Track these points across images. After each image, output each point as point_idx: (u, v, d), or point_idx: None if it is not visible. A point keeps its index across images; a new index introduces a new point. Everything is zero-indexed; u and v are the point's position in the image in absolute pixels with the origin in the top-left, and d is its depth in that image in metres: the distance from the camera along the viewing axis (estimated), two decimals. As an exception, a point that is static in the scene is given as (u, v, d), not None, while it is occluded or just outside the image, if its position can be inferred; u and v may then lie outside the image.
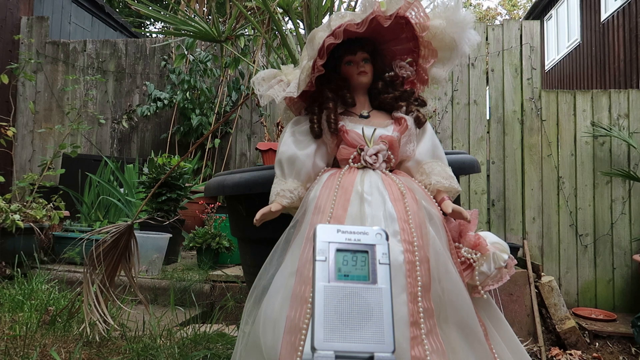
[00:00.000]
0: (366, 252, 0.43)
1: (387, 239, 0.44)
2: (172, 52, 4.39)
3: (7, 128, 3.27)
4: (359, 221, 0.92)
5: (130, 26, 6.72)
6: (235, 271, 2.81)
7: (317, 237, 0.44)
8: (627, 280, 3.64)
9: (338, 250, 0.43)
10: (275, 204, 1.02)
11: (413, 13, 1.05)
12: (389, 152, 1.04)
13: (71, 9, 5.82)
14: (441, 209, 1.02)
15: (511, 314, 2.94)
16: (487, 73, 3.93)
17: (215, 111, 4.17)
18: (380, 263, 0.42)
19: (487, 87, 3.93)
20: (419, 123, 1.10)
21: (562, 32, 7.29)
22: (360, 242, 0.43)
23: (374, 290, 0.41)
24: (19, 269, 2.47)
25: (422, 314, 0.85)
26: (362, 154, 1.03)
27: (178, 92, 4.07)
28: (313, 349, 0.38)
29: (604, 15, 5.92)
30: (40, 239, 2.83)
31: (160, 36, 7.59)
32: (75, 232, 3.01)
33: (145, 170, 3.37)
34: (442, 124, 3.91)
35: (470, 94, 3.92)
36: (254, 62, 2.30)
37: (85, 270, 1.52)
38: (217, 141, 4.14)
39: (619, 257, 3.68)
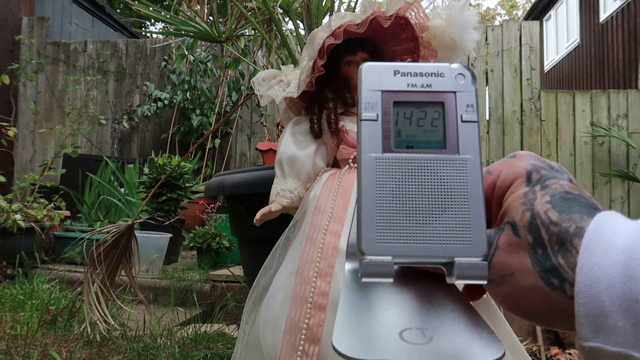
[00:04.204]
0: (440, 103, 0.29)
1: (474, 80, 0.29)
2: (172, 52, 4.40)
3: (8, 128, 3.28)
4: (359, 221, 0.93)
5: (130, 26, 6.72)
6: (235, 271, 2.82)
7: (363, 82, 0.29)
8: (627, 280, 3.64)
9: (397, 103, 0.29)
10: (275, 204, 1.03)
11: (413, 14, 1.06)
12: (389, 152, 1.05)
13: (72, 9, 5.83)
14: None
15: (511, 313, 2.94)
16: (486, 73, 3.94)
17: (216, 111, 4.17)
18: (463, 121, 0.28)
19: (487, 88, 3.94)
20: (419, 123, 1.11)
21: (562, 33, 7.30)
22: (431, 88, 0.29)
23: (454, 163, 0.28)
24: (19, 269, 2.48)
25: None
26: (362, 154, 1.03)
27: (178, 92, 4.08)
28: (361, 253, 0.26)
29: (603, 16, 5.92)
30: (41, 238, 2.83)
31: (161, 36, 7.60)
32: (75, 232, 3.02)
33: (146, 170, 3.38)
34: (442, 124, 3.92)
35: (470, 94, 3.92)
36: (254, 63, 2.30)
37: (86, 270, 1.52)
38: (217, 141, 4.15)
39: (619, 257, 3.69)
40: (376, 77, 0.29)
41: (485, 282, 0.26)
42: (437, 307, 0.27)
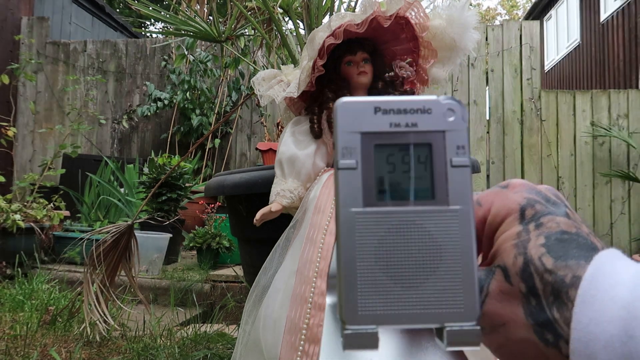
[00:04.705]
0: (427, 145, 0.25)
1: (466, 115, 0.26)
2: (172, 52, 4.40)
3: (7, 128, 3.28)
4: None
5: (130, 26, 6.72)
6: (235, 271, 2.82)
7: (339, 123, 0.25)
8: (627, 280, 3.64)
9: (378, 146, 0.25)
10: (275, 204, 1.03)
11: (413, 13, 1.06)
12: (389, 152, 1.05)
13: (72, 9, 5.83)
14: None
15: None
16: (486, 73, 3.94)
17: (216, 111, 4.17)
18: (453, 165, 0.25)
19: (487, 88, 3.94)
20: (419, 123, 1.11)
21: (562, 33, 7.30)
22: (417, 128, 0.25)
23: (443, 216, 0.25)
24: (19, 269, 2.48)
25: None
26: (362, 154, 1.03)
27: (178, 92, 4.08)
28: (343, 322, 0.24)
29: (603, 16, 5.92)
30: (41, 238, 2.83)
31: (161, 36, 7.60)
32: (75, 232, 3.02)
33: (146, 170, 3.38)
34: (442, 124, 3.91)
35: (470, 94, 3.92)
36: (254, 63, 2.30)
37: (86, 270, 1.52)
38: (217, 141, 4.15)
39: (619, 257, 3.69)
40: (354, 116, 0.25)
41: (478, 348, 0.24)
42: (423, 352, 0.26)
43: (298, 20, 1.57)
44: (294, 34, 1.61)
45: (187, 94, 4.05)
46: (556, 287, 0.23)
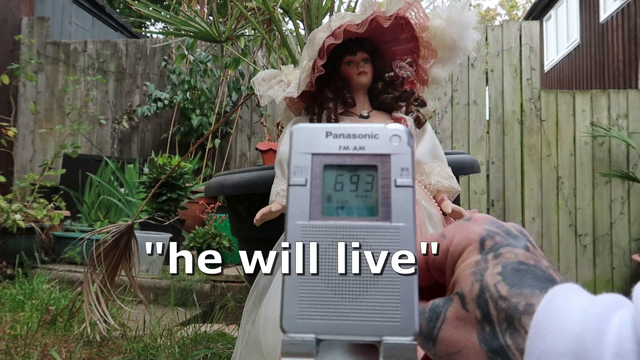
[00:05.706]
0: (374, 167, 0.27)
1: (412, 144, 0.28)
2: (172, 52, 4.40)
3: (8, 128, 3.28)
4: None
5: (130, 26, 6.72)
6: (235, 271, 2.82)
7: (293, 145, 0.28)
8: (626, 280, 3.64)
9: (327, 166, 0.27)
10: (275, 204, 1.03)
11: (413, 13, 1.06)
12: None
13: (72, 9, 5.83)
14: (441, 209, 1.02)
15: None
16: (486, 73, 3.94)
17: (216, 111, 4.17)
18: (397, 185, 0.27)
19: (487, 88, 3.94)
20: (419, 123, 1.11)
21: (562, 33, 7.30)
22: (364, 151, 0.27)
23: (385, 232, 0.26)
24: (19, 269, 2.48)
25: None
26: (362, 154, 1.03)
27: (178, 92, 4.08)
28: (282, 330, 0.25)
29: (603, 16, 5.93)
30: (41, 238, 2.83)
31: (161, 36, 7.61)
32: (75, 232, 3.02)
33: (146, 170, 3.38)
34: (442, 124, 3.91)
35: (469, 95, 3.92)
36: (254, 63, 2.30)
37: (86, 270, 1.52)
38: (217, 141, 4.15)
39: (618, 257, 3.69)
40: (307, 139, 0.28)
41: None
42: None
43: (298, 21, 1.57)
44: (294, 34, 1.61)
45: (187, 94, 4.05)
46: (509, 313, 0.24)
